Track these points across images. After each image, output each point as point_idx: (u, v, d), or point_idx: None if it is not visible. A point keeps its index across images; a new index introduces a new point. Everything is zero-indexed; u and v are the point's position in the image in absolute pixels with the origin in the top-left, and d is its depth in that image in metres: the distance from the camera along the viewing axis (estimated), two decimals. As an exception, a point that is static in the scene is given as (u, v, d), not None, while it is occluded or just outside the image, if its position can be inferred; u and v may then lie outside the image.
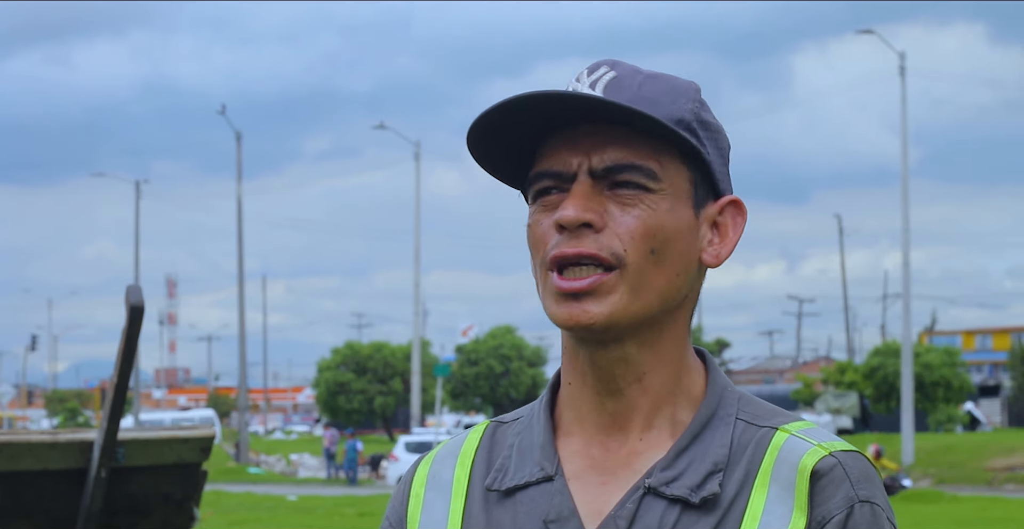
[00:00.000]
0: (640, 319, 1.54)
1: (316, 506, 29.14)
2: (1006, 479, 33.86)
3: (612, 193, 1.53)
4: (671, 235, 1.54)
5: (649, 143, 1.53)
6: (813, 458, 1.52)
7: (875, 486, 1.54)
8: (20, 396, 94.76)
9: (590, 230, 1.52)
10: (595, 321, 1.52)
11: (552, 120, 1.54)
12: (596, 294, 1.52)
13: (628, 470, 1.56)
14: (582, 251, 1.51)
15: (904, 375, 37.81)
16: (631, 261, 1.52)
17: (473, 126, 1.54)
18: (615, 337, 1.54)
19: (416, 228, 46.58)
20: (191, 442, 5.14)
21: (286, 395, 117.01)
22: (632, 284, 1.52)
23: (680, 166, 1.56)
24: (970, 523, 22.22)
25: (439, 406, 38.71)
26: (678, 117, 1.55)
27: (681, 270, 1.56)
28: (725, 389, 1.60)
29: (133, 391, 52.17)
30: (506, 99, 1.51)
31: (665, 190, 1.54)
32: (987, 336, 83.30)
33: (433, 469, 1.66)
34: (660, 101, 1.55)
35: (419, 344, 48.34)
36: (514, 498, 1.57)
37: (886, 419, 52.06)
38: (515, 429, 1.65)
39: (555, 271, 1.53)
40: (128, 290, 4.66)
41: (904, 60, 37.27)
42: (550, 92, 1.50)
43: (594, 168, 1.53)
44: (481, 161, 1.59)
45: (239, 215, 47.47)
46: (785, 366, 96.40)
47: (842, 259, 74.61)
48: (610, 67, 1.57)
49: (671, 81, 1.58)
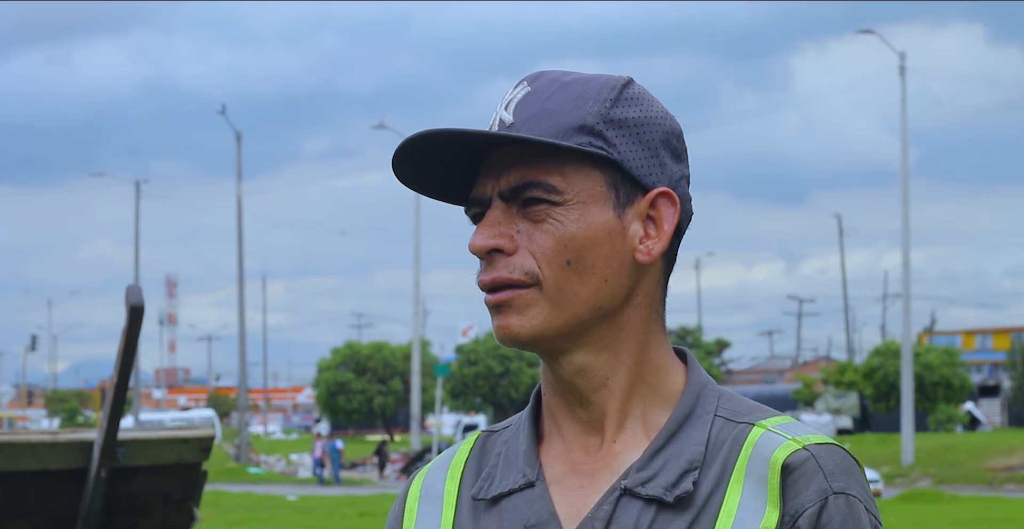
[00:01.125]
0: (571, 330, 1.55)
1: (316, 506, 29.15)
2: (1006, 479, 33.86)
3: (524, 211, 1.55)
4: (585, 243, 1.54)
5: (551, 156, 1.55)
6: (785, 452, 1.52)
7: (852, 477, 1.53)
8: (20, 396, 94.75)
9: (501, 254, 1.55)
10: (518, 333, 1.55)
11: (470, 150, 1.58)
12: (516, 307, 1.54)
13: (606, 472, 1.57)
14: (496, 278, 1.55)
15: (904, 375, 37.81)
16: (547, 276, 1.54)
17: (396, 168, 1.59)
18: (559, 349, 1.57)
19: (416, 228, 46.60)
20: (191, 442, 5.14)
21: (286, 395, 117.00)
22: (552, 297, 1.54)
23: (591, 171, 1.55)
24: (970, 523, 22.23)
25: (439, 406, 38.72)
26: (579, 124, 1.55)
27: (609, 274, 1.55)
28: (704, 387, 1.60)
29: (133, 391, 52.16)
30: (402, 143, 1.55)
31: (571, 200, 1.54)
32: (987, 336, 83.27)
33: (426, 482, 1.68)
34: (562, 110, 1.55)
35: (419, 344, 48.33)
36: (499, 506, 1.59)
37: (886, 419, 52.10)
38: (503, 438, 1.67)
39: (486, 292, 1.57)
40: (128, 290, 4.66)
41: (904, 60, 37.28)
42: (426, 132, 1.53)
43: (502, 190, 1.56)
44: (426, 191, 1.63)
45: (239, 215, 47.53)
46: (785, 366, 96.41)
47: (842, 259, 74.74)
48: (529, 83, 1.59)
49: (587, 83, 1.58)
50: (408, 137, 1.56)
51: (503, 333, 1.56)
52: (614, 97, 1.57)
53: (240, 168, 47.77)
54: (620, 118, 1.57)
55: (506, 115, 1.58)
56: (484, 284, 1.56)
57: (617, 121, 1.56)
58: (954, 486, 32.93)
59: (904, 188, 36.89)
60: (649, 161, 1.58)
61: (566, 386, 1.59)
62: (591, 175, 1.55)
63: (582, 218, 1.54)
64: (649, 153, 1.58)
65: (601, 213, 1.55)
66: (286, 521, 25.11)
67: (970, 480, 34.28)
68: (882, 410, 52.63)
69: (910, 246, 37.08)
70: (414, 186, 1.62)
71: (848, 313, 76.65)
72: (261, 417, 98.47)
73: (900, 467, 36.17)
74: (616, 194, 1.56)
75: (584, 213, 1.54)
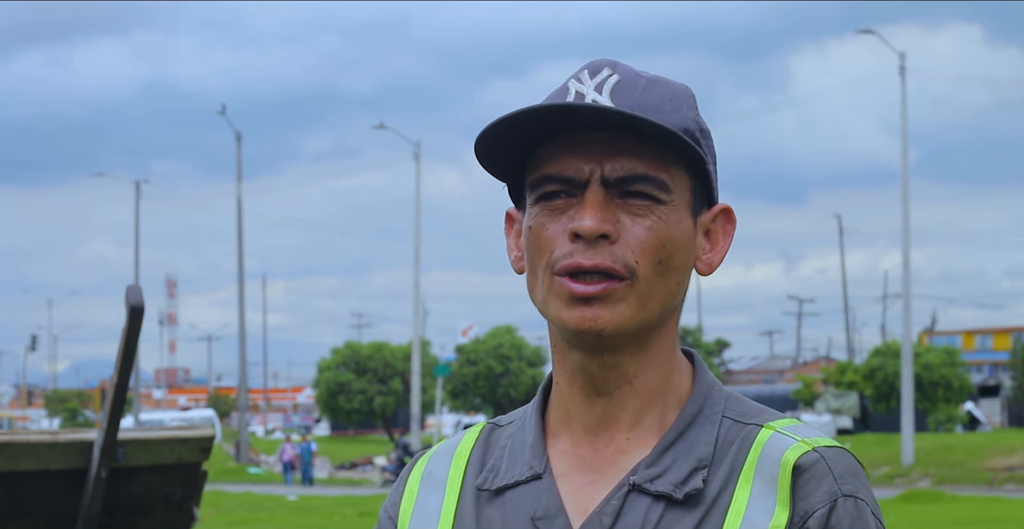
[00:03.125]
0: (643, 328, 1.56)
1: (316, 506, 29.14)
2: (1006, 479, 33.84)
3: (623, 202, 1.53)
4: (678, 246, 1.55)
5: (659, 152, 1.54)
6: (796, 453, 1.54)
7: (859, 481, 1.55)
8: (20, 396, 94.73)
9: (606, 241, 1.52)
10: (605, 327, 1.53)
11: (560, 125, 1.54)
12: (607, 301, 1.53)
13: (614, 468, 1.58)
14: (599, 263, 1.52)
15: (904, 375, 37.79)
16: (642, 273, 1.53)
17: (485, 134, 1.54)
18: (617, 345, 1.56)
19: (416, 228, 46.59)
20: (191, 442, 5.15)
21: (286, 395, 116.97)
22: (641, 294, 1.54)
23: (684, 176, 1.56)
24: (970, 523, 22.21)
25: (439, 406, 38.74)
26: (684, 126, 1.55)
27: (682, 279, 1.58)
28: (712, 388, 1.62)
29: (133, 391, 52.16)
30: (522, 110, 1.51)
31: (675, 201, 1.55)
32: (987, 336, 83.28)
33: (428, 467, 1.68)
34: (664, 108, 1.55)
35: (419, 344, 48.29)
36: (504, 497, 1.60)
37: (886, 419, 52.06)
38: (509, 431, 1.68)
39: (566, 276, 1.53)
40: (128, 290, 4.66)
41: (904, 60, 37.27)
42: (567, 104, 1.50)
43: (607, 177, 1.53)
44: (486, 164, 1.59)
45: (239, 215, 47.51)
46: (785, 366, 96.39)
47: (842, 259, 74.71)
48: (612, 69, 1.57)
49: (670, 86, 1.59)
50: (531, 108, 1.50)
51: (589, 324, 1.52)
52: (696, 106, 1.60)
53: (240, 168, 47.78)
54: (705, 128, 1.60)
55: (601, 98, 1.54)
56: (581, 267, 1.52)
57: (705, 131, 1.59)
58: (954, 486, 32.90)
59: (904, 188, 36.88)
60: (714, 175, 1.60)
61: (590, 378, 1.58)
62: (684, 180, 1.56)
63: (679, 221, 1.56)
64: (714, 167, 1.61)
65: (687, 219, 1.57)
66: (286, 521, 25.10)
67: (970, 480, 34.25)
68: (882, 410, 52.61)
69: (910, 246, 37.08)
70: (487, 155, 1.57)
71: (848, 313, 76.68)
72: (261, 417, 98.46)
73: (900, 467, 36.14)
74: (695, 203, 1.58)
75: (681, 216, 1.56)
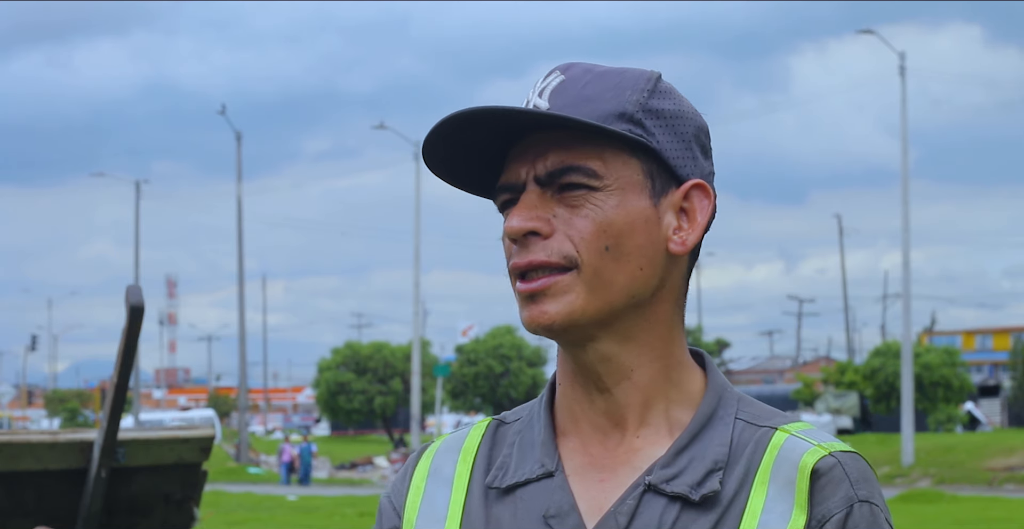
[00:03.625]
0: (604, 316, 1.55)
1: (316, 506, 29.14)
2: (1006, 479, 33.83)
3: (561, 196, 1.55)
4: (624, 229, 1.54)
5: (591, 142, 1.54)
6: (813, 457, 1.54)
7: (873, 486, 1.55)
8: (20, 396, 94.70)
9: (538, 238, 1.54)
10: (553, 321, 1.54)
11: (503, 133, 1.56)
12: (552, 294, 1.54)
13: (627, 467, 1.57)
14: (531, 260, 1.54)
15: (904, 375, 37.78)
16: (585, 261, 1.53)
17: (425, 151, 1.57)
18: (587, 336, 1.56)
19: (416, 228, 46.57)
20: (191, 442, 5.14)
21: (286, 395, 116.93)
22: (589, 283, 1.54)
23: (629, 158, 1.55)
24: (970, 523, 22.21)
25: (439, 406, 38.74)
26: (619, 111, 1.55)
27: (644, 263, 1.56)
28: (724, 389, 1.61)
29: (133, 391, 52.15)
30: (437, 124, 1.54)
31: (610, 186, 1.54)
32: (987, 336, 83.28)
33: (435, 462, 1.67)
34: (602, 97, 1.55)
35: (419, 344, 48.27)
36: (514, 495, 1.59)
37: (886, 419, 52.07)
38: (516, 428, 1.66)
39: (518, 279, 1.56)
40: (128, 290, 4.66)
41: (904, 60, 37.26)
42: (468, 110, 1.52)
43: (538, 175, 1.55)
44: (451, 180, 1.62)
45: (239, 215, 47.49)
46: (785, 366, 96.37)
47: (842, 259, 74.69)
48: (562, 72, 1.59)
49: (622, 75, 1.59)
50: (447, 117, 1.53)
51: (537, 321, 1.54)
52: (651, 88, 1.58)
53: (240, 168, 47.76)
54: (657, 109, 1.58)
55: (540, 102, 1.57)
56: (519, 267, 1.55)
57: (655, 111, 1.57)
58: (954, 486, 32.89)
59: (904, 188, 36.87)
60: (683, 153, 1.59)
61: (588, 375, 1.58)
62: (629, 163, 1.55)
63: (621, 205, 1.54)
64: (683, 145, 1.59)
65: (638, 201, 1.55)
66: (286, 521, 25.10)
67: (970, 480, 34.24)
68: (882, 410, 52.61)
69: (910, 246, 37.07)
70: (441, 173, 1.60)
71: (848, 313, 76.66)
72: (261, 417, 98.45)
73: (900, 467, 36.13)
74: (652, 183, 1.56)
75: (623, 200, 1.55)
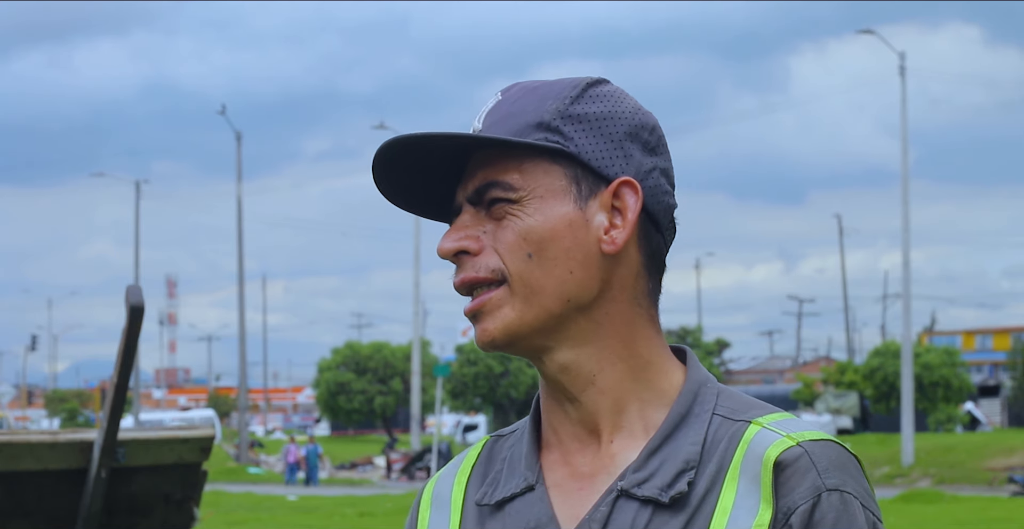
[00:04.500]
0: (543, 325, 1.56)
1: (316, 506, 29.14)
2: (1006, 479, 33.84)
3: (489, 212, 1.58)
4: (545, 235, 1.55)
5: (512, 156, 1.57)
6: (778, 449, 1.52)
7: (847, 474, 1.52)
8: (20, 396, 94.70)
9: (468, 256, 1.58)
10: (492, 337, 1.57)
11: (448, 159, 1.60)
12: (488, 311, 1.57)
13: (604, 474, 1.57)
14: (463, 278, 1.58)
15: (904, 375, 37.79)
16: (512, 271, 1.55)
17: (379, 184, 1.62)
18: (538, 347, 1.58)
19: (416, 228, 46.58)
20: (191, 442, 5.15)
21: (286, 395, 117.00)
22: (520, 293, 1.56)
23: (550, 166, 1.57)
24: (970, 523, 22.21)
25: (439, 406, 38.71)
26: (536, 121, 1.57)
27: (574, 266, 1.56)
28: (703, 385, 1.60)
29: (133, 391, 52.16)
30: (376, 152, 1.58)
31: (527, 196, 1.56)
32: (987, 336, 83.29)
33: (437, 488, 1.69)
34: (524, 111, 1.58)
35: (419, 344, 48.30)
36: (503, 510, 1.60)
37: (886, 419, 52.09)
38: (509, 442, 1.68)
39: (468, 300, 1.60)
40: (128, 290, 4.66)
41: (904, 60, 37.26)
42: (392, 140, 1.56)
43: (468, 195, 1.59)
44: (409, 207, 1.66)
45: (239, 215, 47.51)
46: (785, 366, 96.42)
47: (842, 259, 74.69)
48: (501, 93, 1.63)
49: (552, 86, 1.61)
50: (378, 148, 1.58)
51: (480, 339, 1.58)
52: (575, 95, 1.60)
53: (240, 168, 47.77)
54: (579, 113, 1.59)
55: (477, 124, 1.62)
56: (456, 287, 1.59)
57: (576, 116, 1.58)
58: (954, 486, 32.90)
59: (904, 188, 36.87)
60: (612, 153, 1.59)
61: (554, 385, 1.60)
62: (550, 170, 1.57)
63: (539, 212, 1.56)
64: (612, 145, 1.59)
65: (560, 206, 1.56)
66: (286, 521, 25.10)
67: (970, 480, 34.26)
68: (882, 410, 52.63)
69: (910, 246, 37.07)
70: (401, 203, 1.65)
71: (848, 313, 76.67)
72: (261, 417, 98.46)
73: (900, 467, 36.14)
74: (577, 187, 1.57)
75: (541, 207, 1.56)
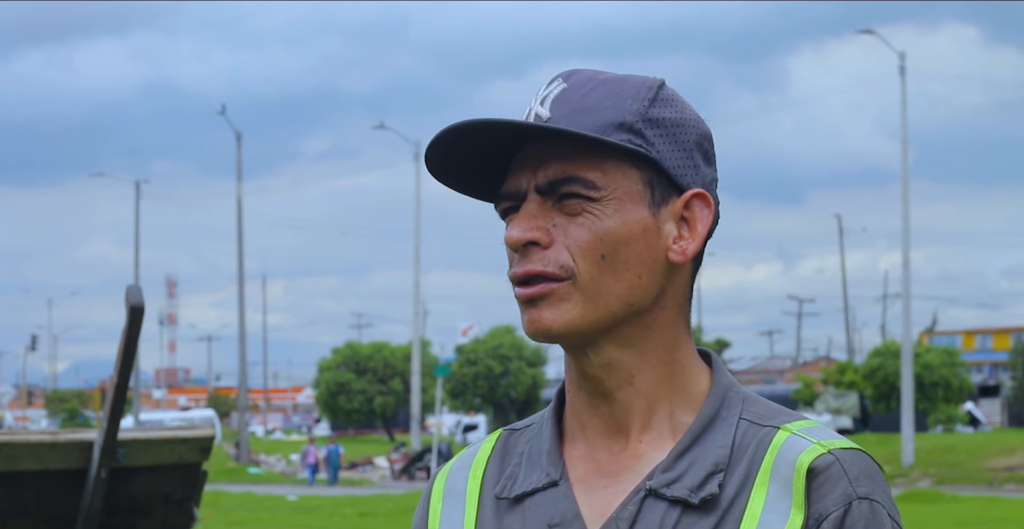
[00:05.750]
0: (604, 325, 1.56)
1: (316, 506, 29.14)
2: (1006, 479, 33.82)
3: (560, 205, 1.56)
4: (621, 239, 1.55)
5: (591, 152, 1.55)
6: (810, 456, 1.53)
7: (876, 483, 1.54)
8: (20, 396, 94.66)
9: (537, 248, 1.55)
10: (550, 327, 1.55)
11: (505, 141, 1.57)
12: (550, 301, 1.55)
13: (631, 473, 1.57)
14: (529, 270, 1.55)
15: (904, 375, 37.78)
16: (582, 270, 1.54)
17: (428, 158, 1.59)
18: (588, 343, 1.57)
19: (416, 228, 46.59)
20: (191, 442, 5.15)
21: (286, 395, 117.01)
22: (587, 292, 1.55)
23: (628, 169, 1.56)
24: (970, 523, 22.21)
25: (439, 406, 38.72)
26: (619, 121, 1.56)
27: (643, 272, 1.56)
28: (729, 389, 1.61)
29: (133, 391, 52.15)
30: (440, 133, 1.55)
31: (607, 196, 1.55)
32: (987, 336, 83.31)
33: (449, 481, 1.69)
34: (602, 106, 1.56)
35: (419, 344, 48.30)
36: (523, 505, 1.60)
37: (886, 419, 52.08)
38: (526, 436, 1.68)
39: (518, 285, 1.57)
40: (128, 290, 4.67)
41: (904, 60, 37.26)
42: (472, 122, 1.54)
43: (539, 184, 1.56)
44: (453, 185, 1.63)
45: (239, 215, 47.50)
46: (785, 366, 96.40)
47: (842, 259, 74.67)
48: (564, 79, 1.60)
49: (624, 83, 1.59)
50: (447, 127, 1.55)
51: (536, 326, 1.55)
52: (652, 97, 1.59)
53: (240, 168, 47.76)
54: (658, 118, 1.58)
55: (542, 110, 1.58)
56: (517, 277, 1.56)
57: (655, 120, 1.58)
58: (954, 486, 32.89)
59: (904, 188, 36.86)
60: (684, 162, 1.59)
61: (591, 381, 1.59)
62: (628, 173, 1.56)
63: (618, 214, 1.55)
64: (684, 154, 1.59)
65: (637, 211, 1.56)
66: (286, 521, 25.10)
67: (970, 480, 34.24)
68: (882, 410, 52.63)
69: (910, 246, 37.06)
70: (445, 179, 1.62)
71: (848, 313, 76.65)
72: (261, 417, 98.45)
73: (900, 467, 36.13)
74: (652, 193, 1.57)
75: (620, 209, 1.55)
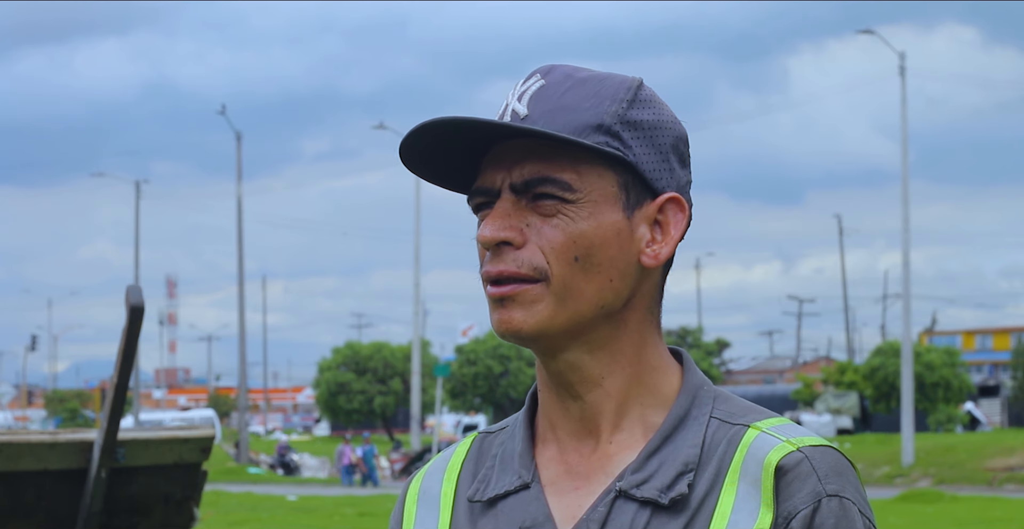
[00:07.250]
0: (574, 327, 1.55)
1: (316, 506, 29.14)
2: (1006, 479, 33.82)
3: (534, 205, 1.54)
4: (595, 241, 1.54)
5: (567, 153, 1.54)
6: (779, 454, 1.52)
7: (846, 480, 1.53)
8: (20, 396, 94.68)
9: (510, 247, 1.54)
10: (520, 328, 1.54)
11: (481, 136, 1.56)
12: (521, 302, 1.54)
13: (601, 474, 1.57)
14: (502, 270, 1.54)
15: (904, 375, 37.78)
16: (555, 273, 1.53)
17: (402, 151, 1.58)
18: (558, 346, 1.56)
19: (416, 228, 46.58)
20: (191, 442, 5.15)
21: (286, 395, 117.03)
22: (558, 294, 1.53)
23: (604, 171, 1.55)
24: (970, 523, 22.21)
25: (439, 406, 38.73)
26: (596, 122, 1.54)
27: (615, 275, 1.55)
28: (700, 388, 1.60)
29: (133, 391, 52.16)
30: (415, 128, 1.54)
31: (583, 199, 1.54)
32: (987, 336, 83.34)
33: (424, 484, 1.68)
34: (579, 107, 1.55)
35: (419, 344, 48.29)
36: (496, 508, 1.59)
37: (886, 419, 52.08)
38: (500, 439, 1.67)
39: (488, 283, 1.56)
40: (128, 290, 4.66)
41: (904, 60, 37.26)
42: (447, 119, 1.52)
43: (514, 183, 1.55)
44: (427, 177, 1.62)
45: (239, 215, 47.50)
46: (785, 366, 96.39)
47: (842, 259, 74.70)
48: (542, 76, 1.58)
49: (603, 82, 1.58)
50: (423, 123, 1.53)
51: (506, 327, 1.55)
52: (630, 98, 1.57)
53: (240, 168, 47.76)
54: (636, 120, 1.56)
55: (520, 107, 1.57)
56: (490, 275, 1.55)
57: (633, 123, 1.56)
58: (954, 486, 32.88)
59: (904, 188, 36.86)
60: (660, 165, 1.58)
61: (560, 382, 1.58)
62: (604, 175, 1.55)
63: (592, 217, 1.54)
64: (660, 157, 1.58)
65: (611, 213, 1.55)
66: (286, 521, 25.09)
67: (970, 480, 34.23)
68: (882, 410, 52.62)
69: (910, 246, 37.06)
70: (418, 171, 1.60)
71: (848, 313, 76.69)
72: (261, 417, 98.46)
73: (900, 467, 36.13)
74: (627, 196, 1.56)
75: (595, 212, 1.54)
